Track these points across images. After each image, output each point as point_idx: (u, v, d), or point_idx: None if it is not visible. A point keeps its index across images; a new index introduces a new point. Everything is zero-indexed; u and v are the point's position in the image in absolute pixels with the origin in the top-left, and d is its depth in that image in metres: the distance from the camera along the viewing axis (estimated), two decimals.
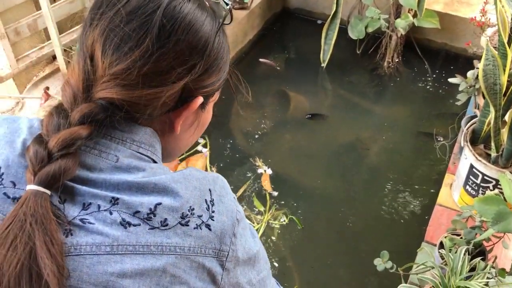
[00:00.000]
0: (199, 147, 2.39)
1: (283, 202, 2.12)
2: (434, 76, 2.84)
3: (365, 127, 2.54)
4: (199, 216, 0.60)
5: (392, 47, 2.82)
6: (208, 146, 2.39)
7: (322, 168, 2.32)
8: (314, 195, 2.16)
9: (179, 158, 2.31)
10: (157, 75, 0.59)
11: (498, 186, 1.49)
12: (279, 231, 2.01)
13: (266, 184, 2.19)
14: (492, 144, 1.47)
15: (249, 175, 2.25)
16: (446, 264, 1.22)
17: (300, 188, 2.20)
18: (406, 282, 1.37)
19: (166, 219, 0.57)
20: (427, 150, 2.34)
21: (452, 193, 1.69)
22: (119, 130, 0.61)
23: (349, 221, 2.04)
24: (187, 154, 2.34)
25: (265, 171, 2.25)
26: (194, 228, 0.59)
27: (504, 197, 1.19)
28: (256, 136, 2.48)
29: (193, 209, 0.59)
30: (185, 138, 0.71)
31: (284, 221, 2.03)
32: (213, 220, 0.61)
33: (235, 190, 2.16)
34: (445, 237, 1.31)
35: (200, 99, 0.65)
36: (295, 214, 2.06)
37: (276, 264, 1.88)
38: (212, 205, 0.62)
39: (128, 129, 0.61)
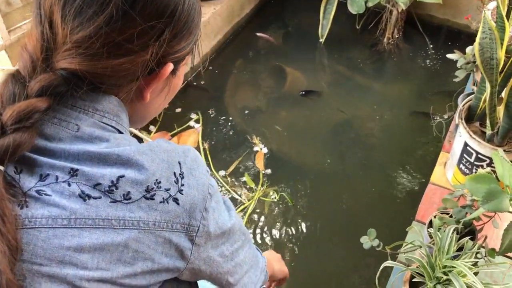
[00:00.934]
0: (192, 123, 2.35)
1: (275, 180, 2.09)
2: (434, 52, 2.78)
3: (363, 105, 2.50)
4: (166, 190, 0.57)
5: (392, 23, 2.75)
6: (201, 122, 2.36)
7: (317, 146, 2.29)
8: (307, 173, 2.13)
9: (171, 134, 2.28)
10: (123, 43, 0.55)
11: (492, 165, 1.45)
12: (269, 208, 1.99)
13: (259, 163, 2.16)
14: (488, 121, 1.43)
15: (242, 151, 2.22)
16: (434, 244, 1.19)
17: (294, 165, 2.17)
18: (395, 261, 1.34)
19: (129, 192, 0.55)
20: (425, 128, 2.30)
21: (446, 172, 1.66)
22: (81, 99, 0.57)
23: (343, 199, 2.02)
24: (178, 129, 2.30)
25: (260, 149, 2.22)
26: (160, 202, 0.56)
27: (496, 176, 1.16)
28: (251, 113, 2.44)
29: (159, 182, 0.57)
30: (155, 104, 0.68)
31: (275, 198, 2.01)
32: (182, 194, 0.58)
33: (226, 166, 2.13)
34: (435, 216, 1.28)
35: (170, 66, 0.62)
36: (287, 191, 2.04)
37: (265, 240, 1.87)
38: (182, 178, 0.59)
39: (90, 98, 0.58)
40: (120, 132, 0.61)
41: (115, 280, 0.55)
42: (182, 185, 0.59)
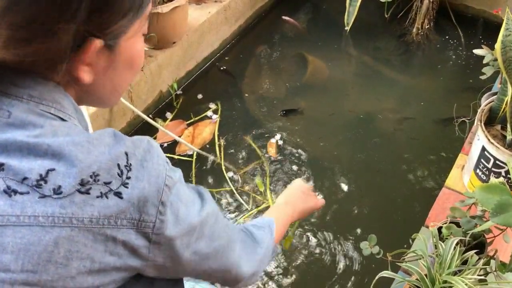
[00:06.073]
0: (209, 113, 2.30)
1: (286, 172, 2.03)
2: (467, 46, 2.63)
3: (386, 98, 2.39)
4: (106, 183, 0.53)
5: (423, 12, 2.61)
6: (219, 112, 2.30)
7: (334, 140, 2.20)
8: (322, 169, 2.06)
9: (187, 123, 2.24)
10: (35, 26, 0.50)
11: None
12: None
13: (272, 151, 2.09)
14: (508, 126, 1.32)
15: (258, 145, 2.15)
16: (437, 255, 1.12)
17: (308, 160, 2.10)
18: (398, 271, 1.28)
19: (60, 186, 0.50)
20: (449, 128, 2.18)
21: (463, 176, 1.56)
22: (13, 85, 0.53)
23: (355, 200, 1.94)
24: (195, 118, 2.26)
25: (270, 142, 2.14)
26: (98, 197, 0.52)
27: (510, 186, 1.07)
28: (270, 103, 2.38)
29: (97, 175, 0.52)
30: (106, 85, 0.62)
31: None
32: (127, 187, 0.54)
33: (238, 165, 2.08)
34: (439, 227, 1.20)
35: (95, 43, 0.55)
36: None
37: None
38: (128, 170, 0.54)
39: (24, 84, 0.54)
40: (63, 120, 0.56)
41: (45, 283, 0.50)
42: (128, 177, 0.54)
